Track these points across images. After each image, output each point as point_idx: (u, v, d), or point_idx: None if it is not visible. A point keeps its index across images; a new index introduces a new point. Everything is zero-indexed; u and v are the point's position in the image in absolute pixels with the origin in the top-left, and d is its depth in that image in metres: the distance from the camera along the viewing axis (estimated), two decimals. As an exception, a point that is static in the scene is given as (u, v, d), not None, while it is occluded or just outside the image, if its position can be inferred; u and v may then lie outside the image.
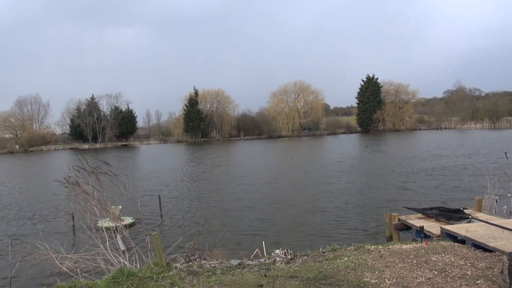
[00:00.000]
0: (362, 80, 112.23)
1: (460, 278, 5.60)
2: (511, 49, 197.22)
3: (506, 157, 13.26)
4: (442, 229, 8.83)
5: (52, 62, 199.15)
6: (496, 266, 6.05)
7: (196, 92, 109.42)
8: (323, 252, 7.71)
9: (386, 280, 5.63)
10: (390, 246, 7.65)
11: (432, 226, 10.03)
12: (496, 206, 12.11)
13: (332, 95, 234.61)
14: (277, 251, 7.73)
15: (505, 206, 11.96)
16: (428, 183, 21.72)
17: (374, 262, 6.50)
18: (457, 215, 10.57)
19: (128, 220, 15.47)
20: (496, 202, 12.23)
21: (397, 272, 5.96)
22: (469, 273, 5.80)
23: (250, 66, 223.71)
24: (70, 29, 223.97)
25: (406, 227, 11.14)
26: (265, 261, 7.28)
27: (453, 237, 8.26)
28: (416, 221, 10.87)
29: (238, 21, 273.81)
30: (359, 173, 27.74)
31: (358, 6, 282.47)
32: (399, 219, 11.40)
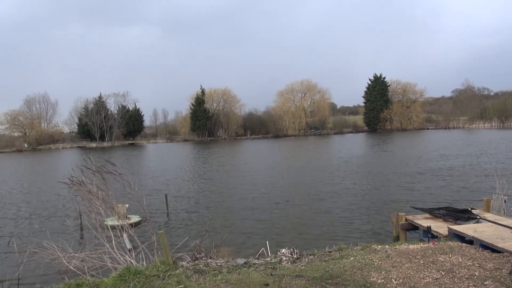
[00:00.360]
0: (369, 79, 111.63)
1: (467, 278, 5.57)
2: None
3: None
4: (450, 229, 8.78)
5: (60, 61, 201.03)
6: (504, 267, 6.01)
7: (202, 91, 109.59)
8: (329, 251, 7.70)
9: (393, 280, 5.61)
10: (397, 246, 7.62)
11: (439, 226, 9.96)
12: (504, 206, 11.99)
13: (339, 94, 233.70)
14: (283, 250, 7.73)
15: (514, 207, 11.86)
16: (435, 183, 21.53)
17: (380, 262, 6.48)
18: (465, 215, 10.49)
19: (134, 218, 15.57)
20: (504, 202, 12.11)
21: (404, 272, 5.93)
22: (477, 273, 5.76)
23: (256, 65, 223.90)
24: (77, 28, 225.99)
25: (413, 227, 11.08)
26: (271, 260, 7.28)
27: (460, 237, 8.21)
28: (423, 221, 10.81)
29: (245, 20, 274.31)
30: (365, 173, 27.60)
31: (365, 5, 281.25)
32: (406, 219, 11.34)
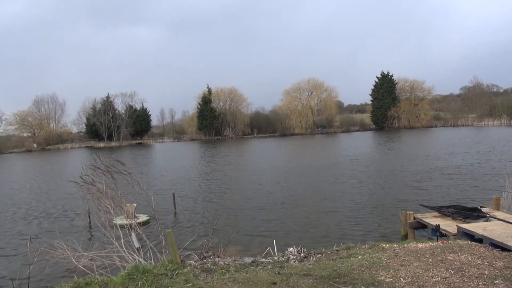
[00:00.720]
0: (377, 77, 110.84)
1: (477, 277, 5.52)
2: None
3: None
4: (459, 227, 8.71)
5: (68, 62, 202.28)
6: (514, 266, 5.94)
7: (209, 90, 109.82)
8: (337, 250, 7.68)
9: (401, 279, 5.58)
10: (405, 245, 7.57)
11: (448, 225, 9.89)
12: (514, 204, 11.88)
13: (346, 93, 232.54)
14: (290, 249, 7.72)
15: (524, 205, 11.73)
16: (443, 182, 21.35)
17: (389, 261, 6.45)
18: (474, 214, 10.40)
19: (143, 217, 15.66)
20: (514, 200, 12.00)
21: (412, 271, 5.89)
22: (486, 272, 5.70)
23: (263, 64, 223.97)
24: (86, 28, 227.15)
25: (422, 226, 11.01)
26: (278, 259, 7.28)
27: (470, 236, 8.14)
28: (432, 219, 10.74)
29: (251, 19, 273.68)
30: (373, 171, 27.46)
31: (373, 3, 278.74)
32: (415, 218, 11.28)
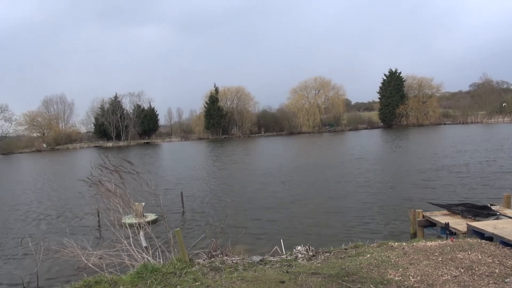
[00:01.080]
0: (384, 74, 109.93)
1: (487, 276, 5.47)
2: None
3: None
4: (469, 226, 8.62)
5: (76, 62, 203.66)
6: (526, 264, 5.87)
7: (216, 89, 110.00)
8: (346, 249, 7.65)
9: (411, 277, 5.55)
10: (414, 243, 7.52)
11: (458, 223, 9.81)
12: (525, 202, 11.72)
13: (353, 90, 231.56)
14: (298, 248, 7.72)
15: (535, 203, 11.56)
16: (452, 180, 21.13)
17: (397, 259, 6.41)
18: (484, 212, 10.30)
19: (151, 216, 15.74)
20: (525, 198, 11.84)
21: (421, 269, 5.85)
22: (497, 271, 5.65)
23: (270, 63, 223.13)
24: (94, 29, 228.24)
25: (431, 224, 10.93)
26: (286, 257, 7.28)
27: (480, 234, 8.06)
28: (441, 217, 10.66)
29: (258, 18, 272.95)
30: (380, 169, 27.32)
31: (381, 0, 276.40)
32: (424, 216, 11.20)
